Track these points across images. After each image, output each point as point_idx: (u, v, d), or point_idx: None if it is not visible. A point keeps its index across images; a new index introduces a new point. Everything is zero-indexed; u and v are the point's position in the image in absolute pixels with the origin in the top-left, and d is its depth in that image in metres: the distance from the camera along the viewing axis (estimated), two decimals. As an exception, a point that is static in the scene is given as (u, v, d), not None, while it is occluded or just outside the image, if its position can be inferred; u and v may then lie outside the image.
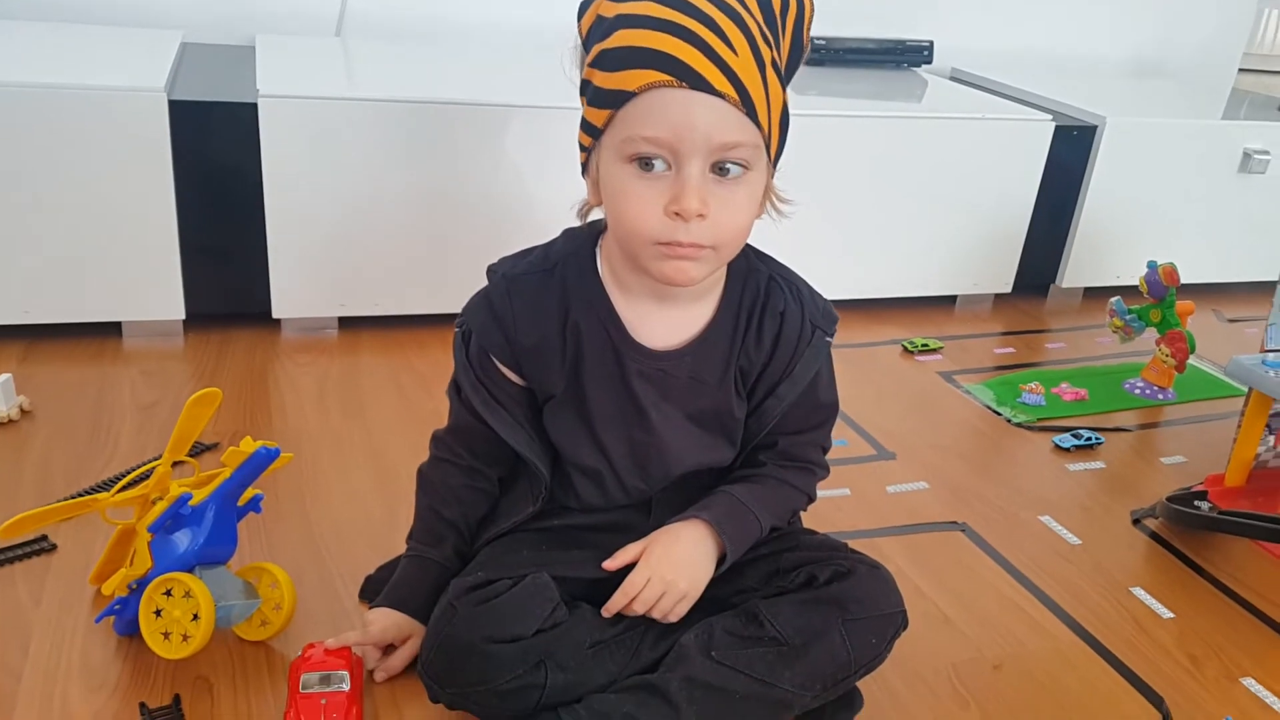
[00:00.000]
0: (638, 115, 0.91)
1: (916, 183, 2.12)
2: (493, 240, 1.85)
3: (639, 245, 0.96)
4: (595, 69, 0.94)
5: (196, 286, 1.78)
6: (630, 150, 0.92)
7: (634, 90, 0.90)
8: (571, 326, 1.04)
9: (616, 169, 0.94)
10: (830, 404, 1.14)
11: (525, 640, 0.99)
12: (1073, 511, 1.56)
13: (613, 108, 0.92)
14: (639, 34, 0.90)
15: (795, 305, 1.07)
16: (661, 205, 0.92)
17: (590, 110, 0.95)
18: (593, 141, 0.97)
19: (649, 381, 1.05)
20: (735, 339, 1.06)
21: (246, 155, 1.71)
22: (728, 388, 1.08)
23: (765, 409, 1.10)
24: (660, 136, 0.90)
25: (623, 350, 1.04)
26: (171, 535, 1.09)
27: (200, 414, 1.11)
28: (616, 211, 0.96)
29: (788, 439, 1.13)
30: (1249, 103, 2.72)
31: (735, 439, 1.12)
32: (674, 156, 0.91)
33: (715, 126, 0.91)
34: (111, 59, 1.81)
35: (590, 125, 0.96)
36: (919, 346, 2.07)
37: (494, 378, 1.07)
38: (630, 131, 0.92)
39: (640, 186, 0.93)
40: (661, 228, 0.93)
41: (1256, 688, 1.23)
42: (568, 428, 1.08)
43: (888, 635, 1.04)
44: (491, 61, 2.14)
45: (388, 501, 1.40)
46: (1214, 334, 2.31)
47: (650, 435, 1.07)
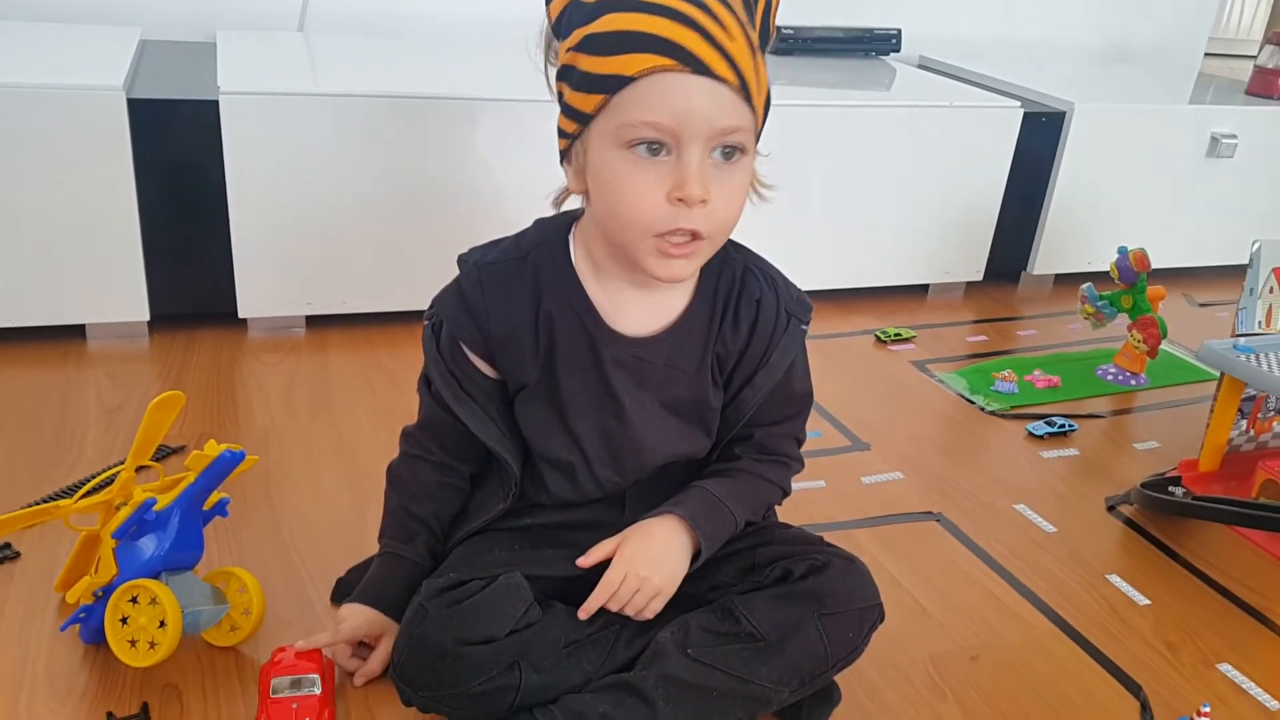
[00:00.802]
0: (637, 100, 0.89)
1: (886, 172, 2.12)
2: (461, 235, 1.82)
3: (635, 236, 0.94)
4: (580, 53, 0.91)
5: (161, 287, 1.75)
6: (630, 136, 0.90)
7: (632, 75, 0.88)
8: (544, 315, 1.02)
9: (612, 155, 0.92)
10: (805, 394, 1.14)
11: (498, 641, 0.98)
12: (1047, 499, 1.56)
13: (607, 93, 0.90)
14: (632, 17, 0.89)
15: (770, 294, 1.07)
16: (663, 192, 0.91)
17: (575, 95, 0.93)
18: (578, 128, 0.94)
19: (625, 369, 1.04)
20: (712, 326, 1.05)
21: (209, 153, 1.69)
22: (704, 376, 1.07)
23: (742, 399, 1.09)
24: (662, 121, 0.89)
25: (598, 337, 1.03)
26: (136, 541, 1.07)
27: (163, 418, 1.09)
28: (611, 199, 0.93)
29: (763, 430, 1.12)
30: (1215, 87, 2.73)
31: (711, 429, 1.11)
32: (675, 142, 0.90)
33: (716, 111, 0.90)
34: (68, 57, 1.78)
35: (575, 111, 0.93)
36: (892, 336, 2.06)
37: (465, 369, 1.06)
38: (629, 117, 0.90)
39: (639, 173, 0.91)
40: (662, 215, 0.92)
41: (1233, 673, 1.23)
42: (540, 419, 1.06)
43: (864, 629, 1.04)
44: (456, 55, 2.12)
45: (358, 501, 1.39)
46: (1185, 318, 2.31)
47: (624, 425, 1.06)
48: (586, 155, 0.95)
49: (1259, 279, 1.58)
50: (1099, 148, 2.29)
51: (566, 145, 0.97)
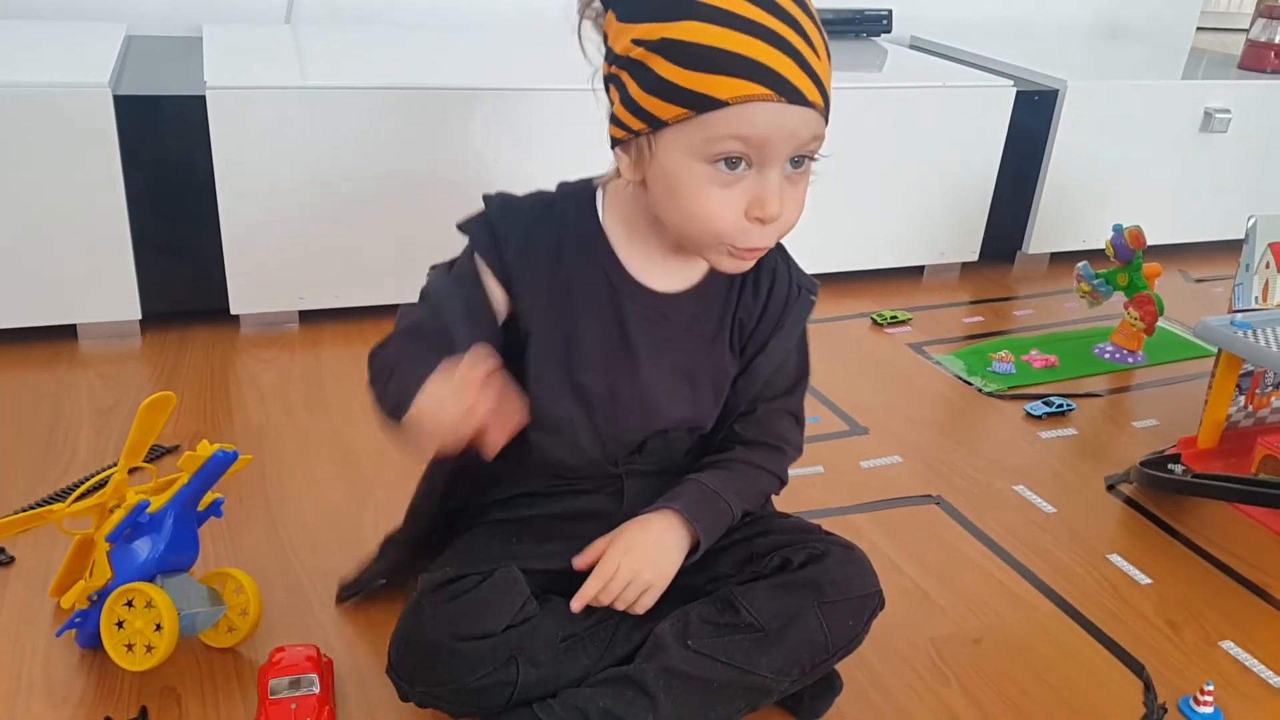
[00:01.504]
0: (726, 120, 0.87)
1: (880, 154, 2.11)
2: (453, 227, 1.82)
3: (706, 240, 0.94)
4: (657, 55, 0.88)
5: (152, 285, 1.74)
6: (715, 150, 0.89)
7: (726, 100, 0.86)
8: (566, 266, 1.01)
9: (690, 166, 0.90)
10: (805, 369, 1.14)
11: (495, 636, 0.97)
12: (1046, 480, 1.55)
13: (692, 109, 0.87)
14: (723, 34, 0.86)
15: (784, 265, 1.09)
16: (741, 208, 0.91)
17: (649, 99, 0.89)
18: (646, 128, 0.91)
19: (647, 323, 1.03)
20: (732, 291, 1.05)
21: (197, 149, 1.68)
22: (722, 341, 1.06)
23: (756, 366, 1.08)
24: (752, 137, 0.88)
25: (621, 289, 1.01)
26: (131, 544, 1.07)
27: (154, 419, 1.08)
28: (685, 206, 0.92)
29: (766, 405, 1.11)
30: (1207, 61, 2.72)
31: (722, 396, 1.09)
32: (760, 159, 0.90)
33: (803, 131, 0.90)
34: (54, 54, 1.77)
35: (646, 113, 0.90)
36: (888, 319, 2.05)
37: (477, 293, 1.01)
38: (716, 132, 0.88)
39: (718, 188, 0.90)
40: (738, 231, 0.92)
41: (1236, 650, 1.23)
42: (547, 370, 1.03)
43: (864, 616, 1.03)
44: (445, 44, 2.11)
45: (354, 497, 1.38)
46: (1181, 295, 2.31)
47: (633, 382, 1.04)
48: (653, 155, 0.92)
49: (1255, 254, 1.58)
50: (1092, 125, 2.27)
51: (624, 136, 0.94)
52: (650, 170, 0.93)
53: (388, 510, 1.34)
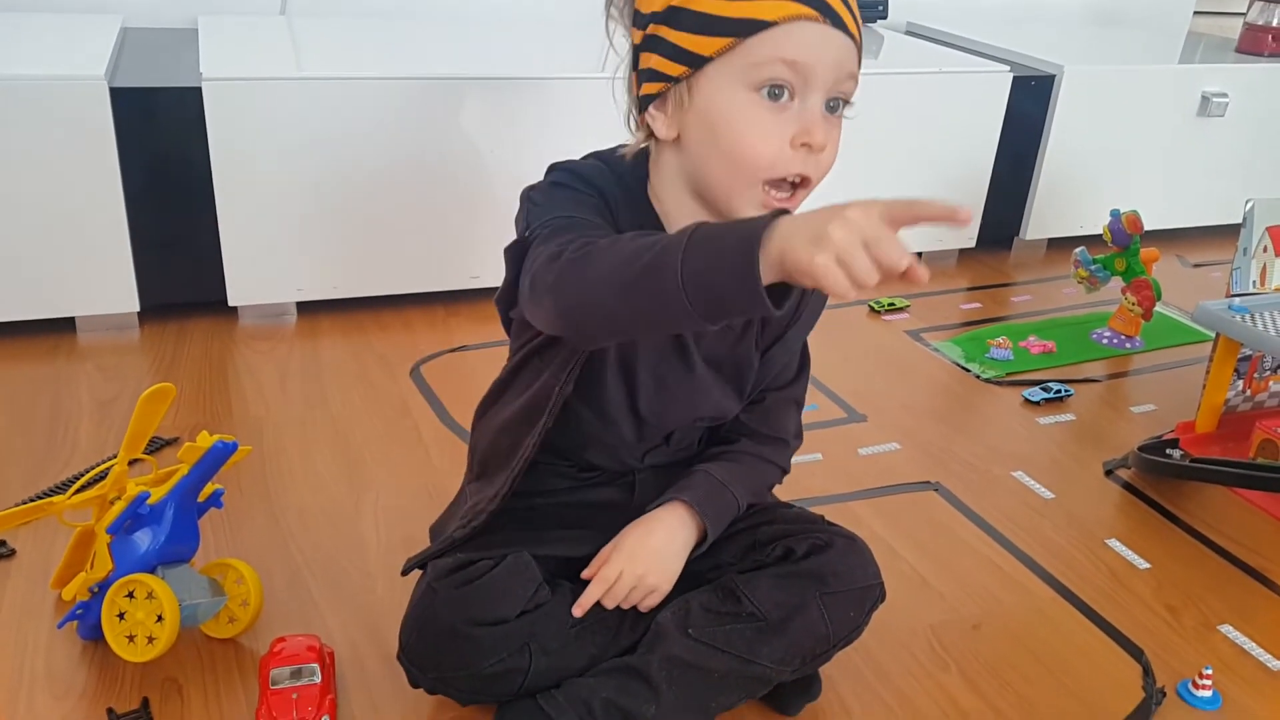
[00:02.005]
0: (776, 42, 0.88)
1: (877, 140, 2.10)
2: (450, 215, 1.83)
3: (745, 180, 0.92)
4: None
5: (150, 277, 1.74)
6: (762, 75, 0.89)
7: (773, 20, 0.88)
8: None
9: (738, 96, 0.90)
10: (808, 354, 1.15)
11: (510, 622, 0.97)
12: (1045, 465, 1.56)
13: (737, 35, 0.88)
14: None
15: None
16: (787, 135, 0.91)
17: (689, 38, 0.90)
18: (686, 70, 0.91)
19: None
20: None
21: (194, 141, 1.67)
22: (750, 336, 1.07)
23: (772, 356, 1.09)
24: (800, 61, 0.88)
25: None
26: (131, 535, 1.07)
27: (154, 410, 1.08)
28: (730, 139, 0.91)
29: (774, 395, 1.12)
30: (1204, 45, 2.72)
31: (745, 391, 1.10)
32: (802, 85, 0.90)
33: (845, 61, 0.91)
34: (50, 47, 1.76)
35: (689, 54, 0.90)
36: (886, 306, 2.05)
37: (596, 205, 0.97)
38: (763, 55, 0.88)
39: (766, 115, 0.90)
40: (783, 159, 0.91)
41: (1235, 634, 1.23)
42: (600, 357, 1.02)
43: (865, 608, 1.03)
44: (441, 34, 2.11)
45: (353, 488, 1.38)
46: (1179, 279, 2.31)
47: (680, 374, 1.04)
48: (692, 98, 0.92)
49: (1253, 238, 1.58)
50: (1089, 110, 2.27)
51: (660, 90, 0.93)
52: (687, 118, 0.93)
53: (386, 500, 1.35)
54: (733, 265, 0.75)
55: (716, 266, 0.76)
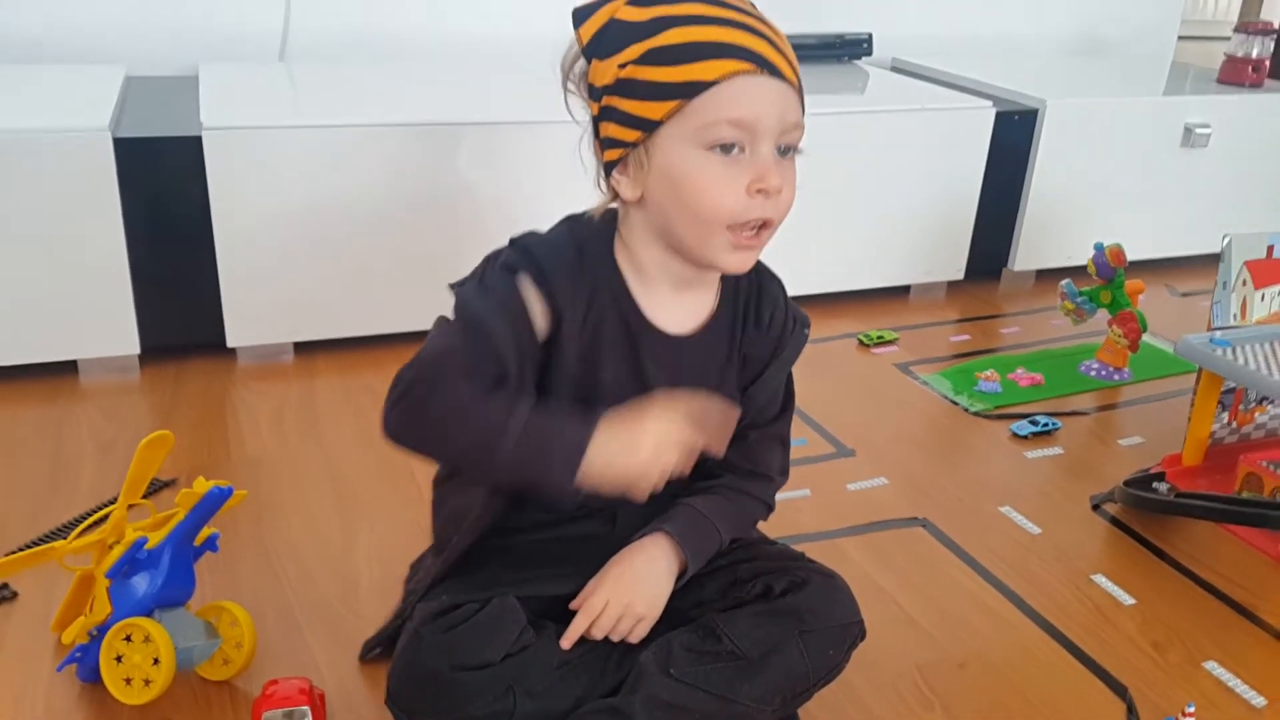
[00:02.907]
0: (716, 102, 0.94)
1: (863, 175, 2.14)
2: (445, 257, 1.84)
3: (711, 230, 0.98)
4: (643, 65, 0.95)
5: (151, 320, 1.77)
6: (711, 136, 0.95)
7: (713, 80, 0.93)
8: (596, 308, 1.03)
9: (691, 156, 0.96)
10: (792, 391, 1.17)
11: (494, 666, 0.99)
12: (1032, 500, 1.57)
13: (683, 98, 0.94)
14: (702, 30, 0.94)
15: (782, 296, 1.13)
16: (743, 185, 0.96)
17: (640, 105, 0.96)
18: (642, 136, 0.97)
19: (661, 368, 1.05)
20: (737, 324, 1.09)
21: (194, 187, 1.71)
22: (730, 377, 1.09)
23: (752, 394, 1.11)
24: (744, 118, 0.94)
25: (639, 335, 1.04)
26: (129, 580, 1.09)
27: (152, 457, 1.10)
28: (690, 198, 0.97)
29: (757, 432, 1.14)
30: (1189, 76, 2.75)
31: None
32: (750, 139, 0.95)
33: (787, 108, 0.96)
34: (55, 99, 1.80)
35: (641, 120, 0.96)
36: (874, 339, 2.08)
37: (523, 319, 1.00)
38: (710, 118, 0.94)
39: (720, 170, 0.96)
40: (743, 206, 0.97)
41: (1219, 671, 1.24)
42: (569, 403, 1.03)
43: (845, 646, 1.05)
44: (437, 78, 2.14)
45: (347, 527, 1.40)
46: (1168, 309, 2.34)
47: None
48: (650, 160, 0.98)
49: (1231, 272, 1.60)
50: (1073, 143, 2.30)
51: (620, 155, 0.99)
52: (649, 179, 0.98)
53: (379, 541, 1.37)
54: (554, 466, 0.95)
55: (540, 465, 0.95)
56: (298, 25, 2.19)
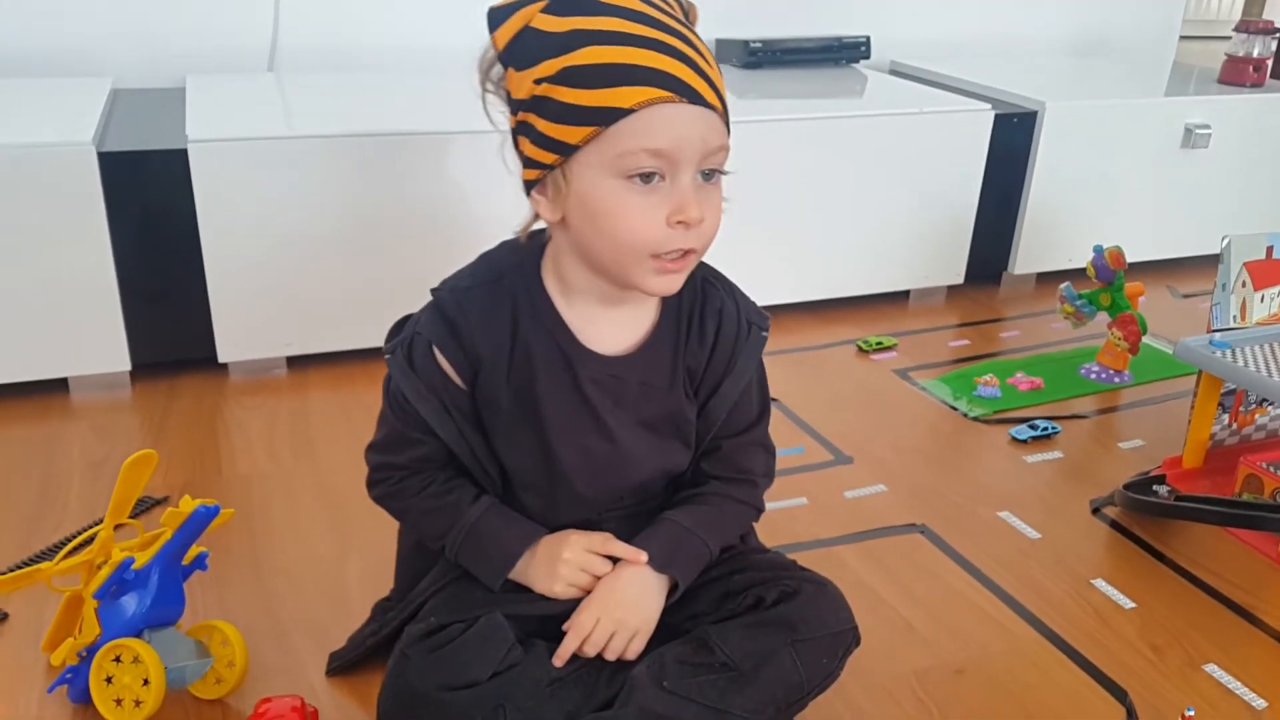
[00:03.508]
0: (634, 130, 0.91)
1: (861, 180, 2.13)
2: (437, 268, 1.82)
3: (633, 259, 0.96)
4: (558, 85, 0.91)
5: (141, 336, 1.76)
6: (629, 165, 0.92)
7: (630, 107, 0.90)
8: (521, 338, 1.03)
9: (608, 184, 0.93)
10: (766, 398, 1.15)
11: (481, 685, 0.98)
12: (1032, 505, 1.56)
13: (599, 124, 0.91)
14: (618, 50, 0.90)
15: (731, 303, 1.09)
16: (662, 216, 0.94)
17: (555, 127, 0.93)
18: (558, 159, 0.94)
19: (602, 388, 1.05)
20: (679, 339, 1.07)
21: (181, 201, 1.70)
22: (677, 390, 1.08)
23: (711, 409, 1.10)
24: (663, 148, 0.92)
25: (574, 358, 1.03)
26: (118, 600, 1.08)
27: (137, 477, 1.09)
28: (608, 226, 0.95)
29: (730, 442, 1.13)
30: (1192, 76, 2.74)
31: (689, 441, 1.11)
32: (671, 167, 0.93)
33: (708, 135, 0.94)
34: (40, 113, 1.79)
35: (555, 142, 0.93)
36: (873, 345, 2.06)
37: (448, 387, 1.04)
38: (628, 146, 0.91)
39: (639, 200, 0.93)
40: (663, 237, 0.94)
41: (1219, 673, 1.23)
42: (521, 444, 1.06)
43: (838, 653, 1.04)
44: (427, 88, 2.13)
45: (339, 543, 1.39)
46: (1170, 310, 2.32)
47: (607, 443, 1.06)
48: (569, 185, 0.95)
49: (1230, 274, 1.59)
50: (1073, 145, 2.29)
51: (538, 176, 0.97)
52: (568, 203, 0.96)
53: (372, 558, 1.35)
54: (486, 573, 1.07)
55: (476, 566, 1.08)
56: (287, 36, 2.18)
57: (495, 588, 1.06)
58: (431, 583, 1.10)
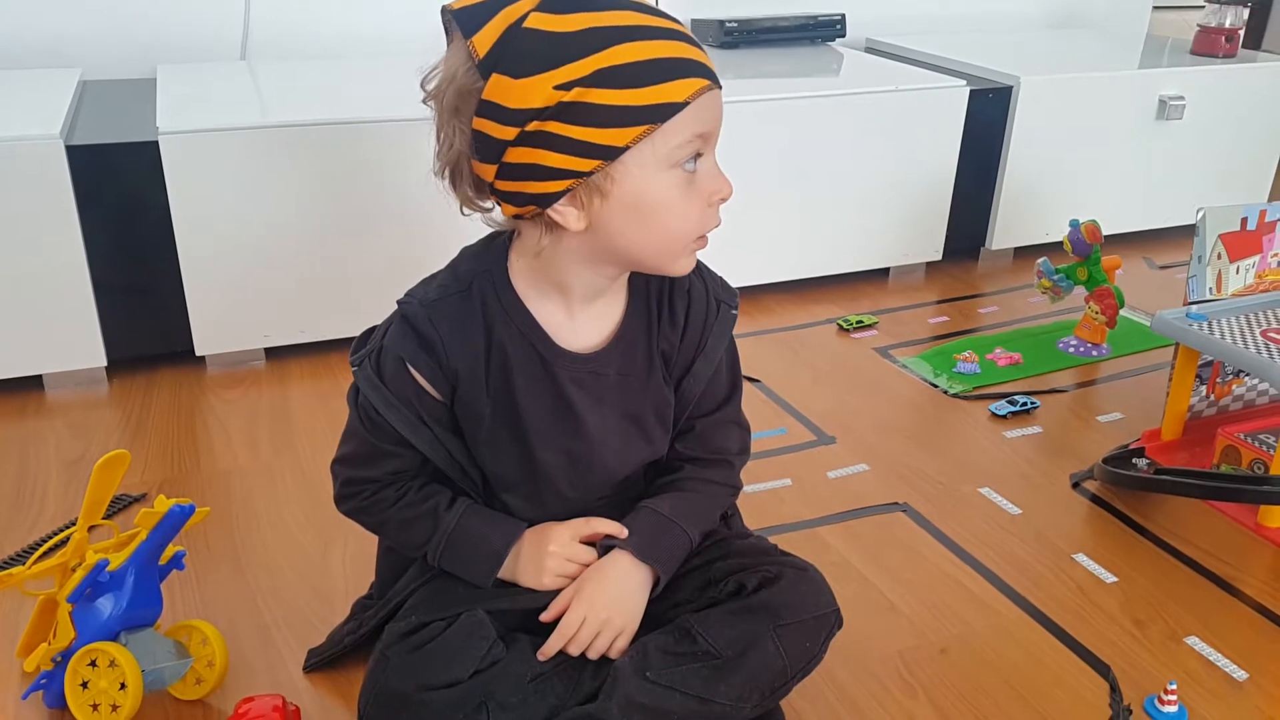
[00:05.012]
0: (687, 121, 0.91)
1: (838, 159, 2.12)
2: (414, 255, 1.82)
3: (681, 246, 0.98)
4: (594, 88, 0.87)
5: (116, 331, 1.75)
6: (683, 154, 0.93)
7: (684, 101, 0.90)
8: (496, 344, 1.02)
9: (663, 180, 0.93)
10: (738, 374, 1.14)
11: (463, 684, 0.97)
12: (1012, 481, 1.56)
13: (655, 122, 0.90)
14: (654, 46, 0.89)
15: (699, 283, 1.08)
16: (702, 199, 0.95)
17: (599, 132, 0.89)
18: (601, 164, 0.90)
19: (582, 387, 1.04)
20: (651, 325, 1.06)
21: (153, 193, 1.68)
22: (656, 377, 1.07)
23: (684, 389, 1.09)
24: (709, 131, 0.94)
25: (550, 359, 1.02)
26: (93, 603, 1.07)
27: (110, 478, 1.08)
28: (662, 220, 0.95)
29: (704, 421, 1.12)
30: (1164, 47, 2.73)
31: (670, 427, 1.11)
32: (705, 149, 0.95)
33: (721, 115, 0.96)
34: (6, 105, 1.76)
35: (598, 148, 0.89)
36: (854, 324, 2.06)
37: (423, 399, 1.03)
38: (682, 135, 0.92)
39: (686, 188, 0.94)
40: (706, 219, 0.97)
41: (1200, 646, 1.24)
42: (502, 450, 1.05)
43: (821, 637, 1.03)
44: (400, 75, 2.10)
45: (321, 539, 1.38)
46: (1147, 282, 2.33)
47: (587, 443, 1.05)
48: (614, 187, 0.92)
49: (1206, 246, 1.59)
50: (1048, 119, 2.29)
51: (567, 186, 0.91)
52: (607, 207, 0.93)
53: (355, 552, 1.35)
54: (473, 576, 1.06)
55: (461, 568, 1.07)
56: (259, 23, 2.15)
57: (486, 585, 1.06)
58: (411, 580, 1.10)
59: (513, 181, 0.93)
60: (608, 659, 1.03)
